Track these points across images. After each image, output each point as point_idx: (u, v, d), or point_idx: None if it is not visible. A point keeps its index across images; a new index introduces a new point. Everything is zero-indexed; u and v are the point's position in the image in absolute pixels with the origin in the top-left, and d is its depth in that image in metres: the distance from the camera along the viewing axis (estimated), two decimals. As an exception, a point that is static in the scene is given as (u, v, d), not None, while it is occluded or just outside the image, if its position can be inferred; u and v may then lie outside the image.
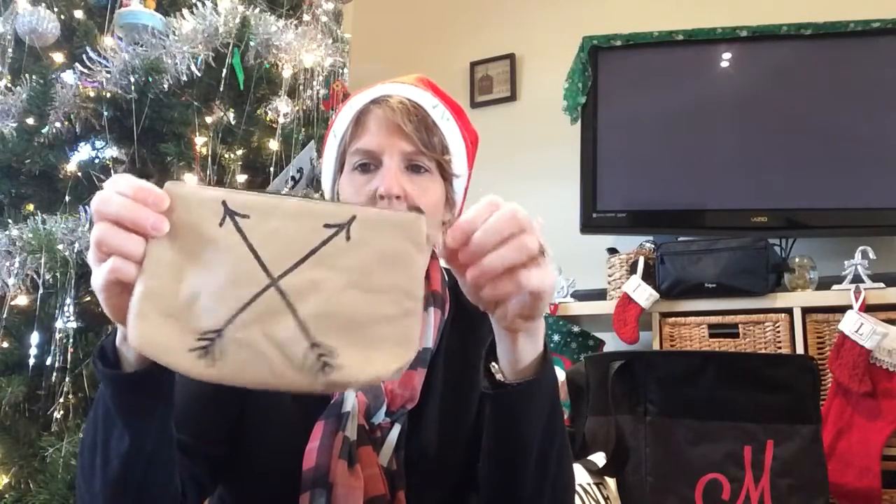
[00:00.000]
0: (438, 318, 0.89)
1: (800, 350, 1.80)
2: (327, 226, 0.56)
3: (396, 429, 0.83)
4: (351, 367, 0.55)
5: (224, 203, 0.56)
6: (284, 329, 0.55)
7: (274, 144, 1.86)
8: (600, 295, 2.20)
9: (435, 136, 0.85)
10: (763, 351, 1.83)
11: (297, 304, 0.55)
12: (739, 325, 1.88)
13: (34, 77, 1.60)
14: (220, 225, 0.56)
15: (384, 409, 0.82)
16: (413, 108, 0.84)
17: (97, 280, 0.56)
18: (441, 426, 0.87)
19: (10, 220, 1.51)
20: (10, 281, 1.39)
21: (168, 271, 0.55)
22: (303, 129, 1.90)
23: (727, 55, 2.25)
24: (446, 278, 0.95)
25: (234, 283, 0.55)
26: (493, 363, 0.70)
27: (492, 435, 0.75)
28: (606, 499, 1.45)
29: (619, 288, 2.07)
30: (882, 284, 1.76)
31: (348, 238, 0.56)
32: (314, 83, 1.89)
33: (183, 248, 0.56)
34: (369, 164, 0.84)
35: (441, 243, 0.61)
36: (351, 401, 0.81)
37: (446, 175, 0.88)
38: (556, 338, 2.11)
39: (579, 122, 2.35)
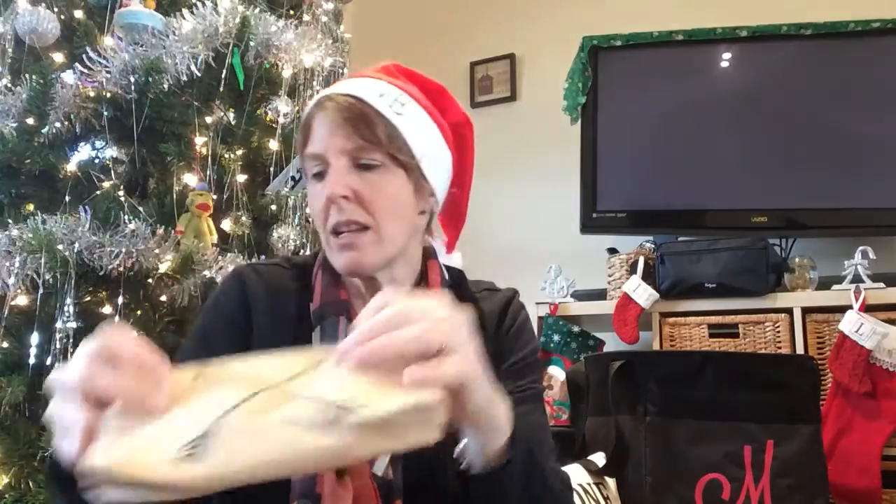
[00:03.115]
0: None
1: (800, 350, 1.80)
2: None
3: None
4: (375, 402, 0.48)
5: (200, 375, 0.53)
6: (293, 407, 0.48)
7: (274, 144, 1.86)
8: (600, 295, 2.20)
9: (378, 127, 0.79)
10: (763, 351, 1.83)
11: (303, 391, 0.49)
12: (739, 325, 1.88)
13: (34, 77, 1.60)
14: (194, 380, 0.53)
15: None
16: (350, 104, 0.79)
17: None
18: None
19: (10, 220, 1.51)
20: (10, 281, 1.39)
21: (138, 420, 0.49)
22: (303, 129, 1.89)
23: (727, 55, 2.25)
24: (446, 277, 0.93)
25: (218, 405, 0.49)
26: (461, 445, 0.68)
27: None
28: (606, 499, 1.45)
29: (619, 288, 2.07)
30: (882, 284, 1.76)
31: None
32: (314, 83, 1.89)
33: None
34: (322, 171, 0.80)
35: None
36: None
37: (408, 165, 0.81)
38: (556, 338, 2.11)
39: (579, 122, 2.35)
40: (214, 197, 1.72)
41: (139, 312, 1.55)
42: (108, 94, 1.60)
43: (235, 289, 0.87)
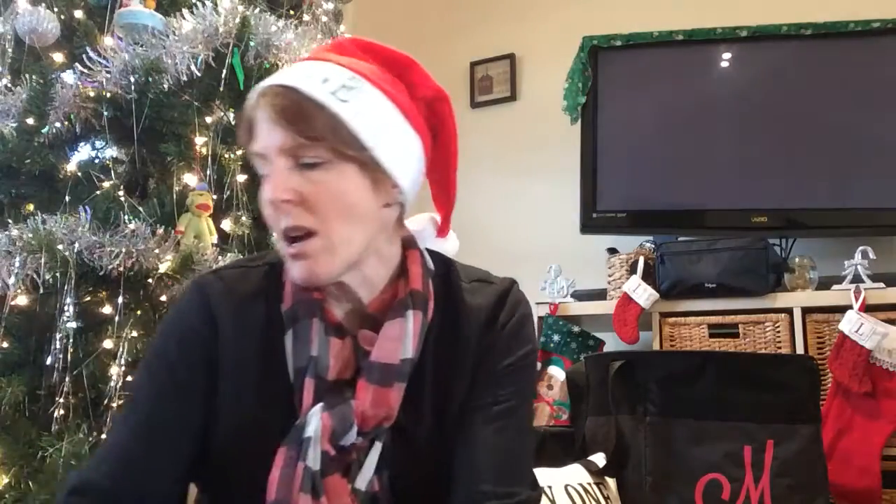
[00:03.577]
0: (419, 323, 0.79)
1: (800, 350, 1.80)
2: None
3: (377, 448, 0.76)
4: None
5: None
6: None
7: (274, 144, 1.85)
8: (600, 295, 2.20)
9: (316, 120, 0.71)
10: (763, 351, 1.83)
11: None
12: (739, 325, 1.88)
13: (34, 77, 1.60)
14: None
15: (354, 431, 0.74)
16: (285, 97, 0.72)
17: None
18: (429, 443, 0.80)
19: (10, 220, 1.51)
20: (10, 281, 1.39)
21: None
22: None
23: (727, 55, 2.25)
24: (431, 267, 0.86)
25: None
26: None
27: None
28: (606, 499, 1.45)
29: (619, 288, 2.07)
30: (882, 284, 1.76)
31: None
32: (314, 83, 1.89)
33: None
34: (269, 171, 0.74)
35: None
36: (314, 424, 0.73)
37: (358, 158, 0.73)
38: (556, 338, 2.11)
39: (579, 122, 2.35)
40: (214, 197, 1.72)
41: (139, 312, 1.55)
42: (108, 94, 1.60)
43: (195, 302, 0.83)
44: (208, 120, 1.76)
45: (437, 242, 0.93)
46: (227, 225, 1.82)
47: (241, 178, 1.85)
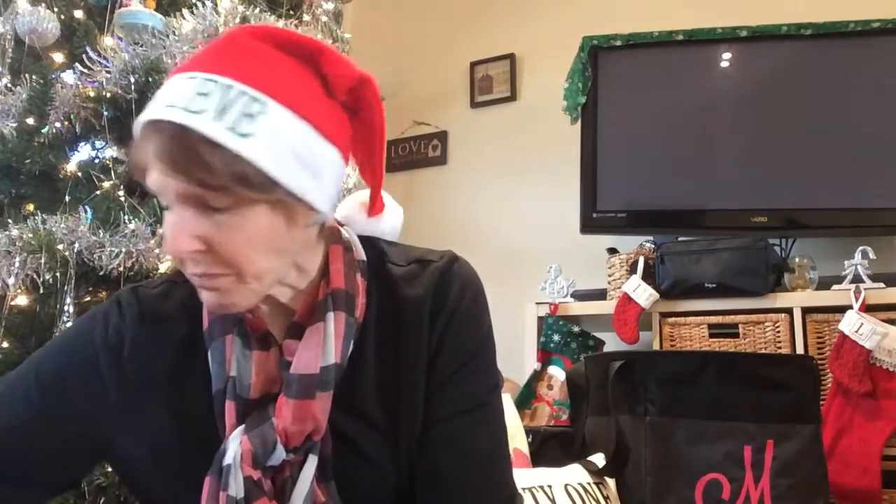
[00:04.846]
0: (341, 324, 0.72)
1: (800, 350, 1.80)
2: None
3: (312, 462, 0.71)
4: None
5: None
6: None
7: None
8: (600, 295, 2.20)
9: (215, 166, 0.60)
10: (763, 351, 1.83)
11: None
12: (739, 325, 1.88)
13: (34, 77, 1.60)
14: None
15: (280, 449, 0.69)
16: (173, 140, 0.61)
17: None
18: (380, 451, 0.75)
19: (10, 220, 1.51)
20: (10, 281, 1.39)
21: None
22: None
23: (727, 55, 2.25)
24: (361, 258, 0.78)
25: None
26: None
27: None
28: (606, 499, 1.45)
29: (619, 288, 2.07)
30: (882, 284, 1.76)
31: None
32: (314, 83, 1.89)
33: None
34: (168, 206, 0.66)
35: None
36: (233, 449, 0.69)
37: (269, 196, 0.64)
38: (556, 338, 2.11)
39: (579, 122, 2.35)
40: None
41: (139, 312, 1.55)
42: (108, 94, 1.60)
43: (105, 321, 0.78)
44: (208, 120, 1.75)
45: (371, 223, 0.85)
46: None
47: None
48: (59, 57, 1.71)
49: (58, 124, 1.61)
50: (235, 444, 0.69)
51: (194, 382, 0.75)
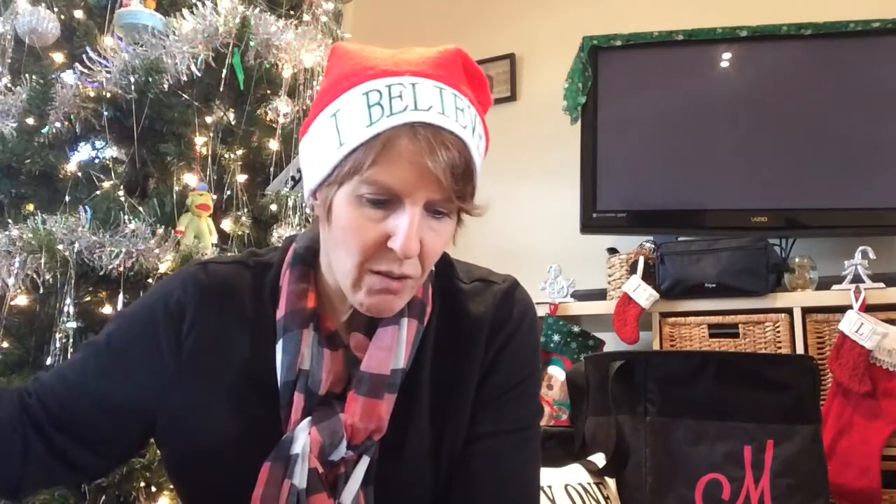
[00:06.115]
0: (413, 331, 0.74)
1: (800, 350, 1.80)
2: None
3: (364, 462, 0.72)
4: None
5: None
6: None
7: (274, 144, 1.86)
8: (600, 295, 2.20)
9: (470, 183, 0.68)
10: (763, 351, 1.83)
11: None
12: (739, 325, 1.88)
13: (34, 77, 1.60)
14: None
15: (344, 445, 0.70)
16: (455, 149, 0.65)
17: None
18: (419, 462, 0.75)
19: (10, 220, 1.51)
20: (10, 281, 1.38)
21: None
22: (303, 129, 1.89)
23: (727, 55, 2.25)
24: (431, 269, 0.78)
25: None
26: None
27: None
28: (606, 499, 1.45)
29: (619, 288, 2.07)
30: (882, 284, 1.76)
31: None
32: (314, 83, 1.89)
33: None
34: (384, 200, 0.66)
35: None
36: (302, 440, 0.69)
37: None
38: (556, 338, 2.11)
39: (579, 122, 2.35)
40: (214, 197, 1.72)
41: (139, 312, 1.55)
42: (108, 94, 1.60)
43: (168, 295, 0.78)
44: (208, 120, 1.76)
45: None
46: (227, 225, 1.82)
47: (242, 178, 1.85)
48: (59, 57, 1.71)
49: (58, 124, 1.61)
50: (304, 436, 0.69)
51: (256, 367, 0.75)
